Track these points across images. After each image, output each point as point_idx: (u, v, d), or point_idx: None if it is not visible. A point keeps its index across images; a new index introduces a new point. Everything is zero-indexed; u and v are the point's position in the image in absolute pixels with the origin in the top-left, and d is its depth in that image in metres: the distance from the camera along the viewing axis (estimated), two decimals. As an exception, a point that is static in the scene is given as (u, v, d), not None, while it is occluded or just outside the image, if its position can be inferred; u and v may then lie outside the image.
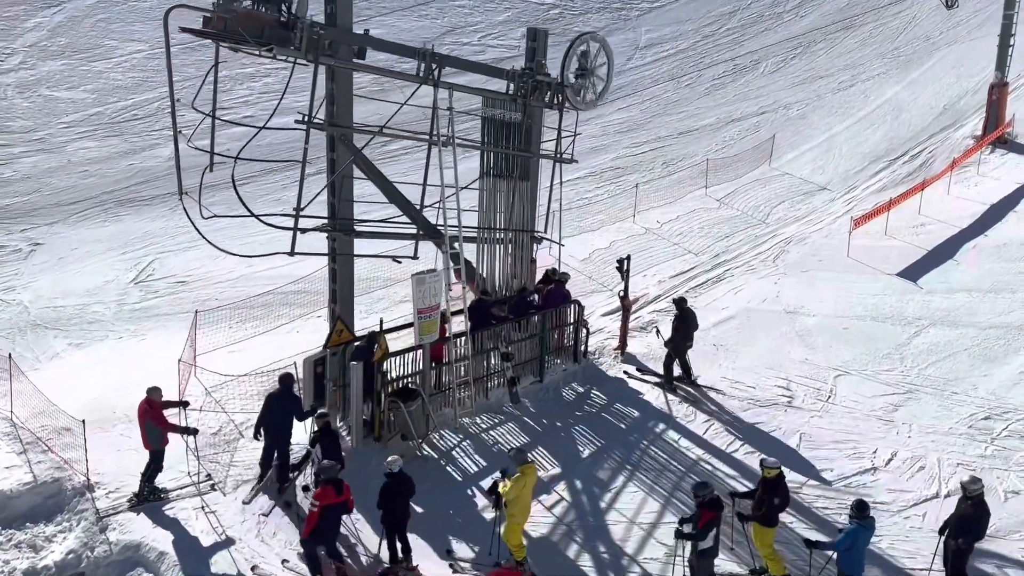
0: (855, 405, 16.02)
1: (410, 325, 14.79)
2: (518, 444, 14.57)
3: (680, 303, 16.74)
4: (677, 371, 16.58)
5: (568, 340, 17.30)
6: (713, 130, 31.72)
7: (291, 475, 12.79)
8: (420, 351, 14.64)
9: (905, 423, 15.47)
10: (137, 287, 21.04)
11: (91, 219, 24.61)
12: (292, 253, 13.29)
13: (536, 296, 17.16)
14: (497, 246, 16.49)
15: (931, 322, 19.12)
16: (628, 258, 17.29)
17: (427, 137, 14.30)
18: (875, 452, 14.59)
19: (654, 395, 16.33)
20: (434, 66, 14.15)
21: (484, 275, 16.50)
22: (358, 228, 14.57)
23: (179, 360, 15.08)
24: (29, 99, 29.25)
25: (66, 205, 25.10)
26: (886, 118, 32.19)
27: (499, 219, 16.33)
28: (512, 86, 15.81)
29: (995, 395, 16.29)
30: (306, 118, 13.07)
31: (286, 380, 13.13)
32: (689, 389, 16.43)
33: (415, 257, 14.66)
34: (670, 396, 16.21)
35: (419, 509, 12.67)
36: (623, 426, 15.41)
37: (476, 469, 14.16)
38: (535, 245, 17.31)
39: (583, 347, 17.42)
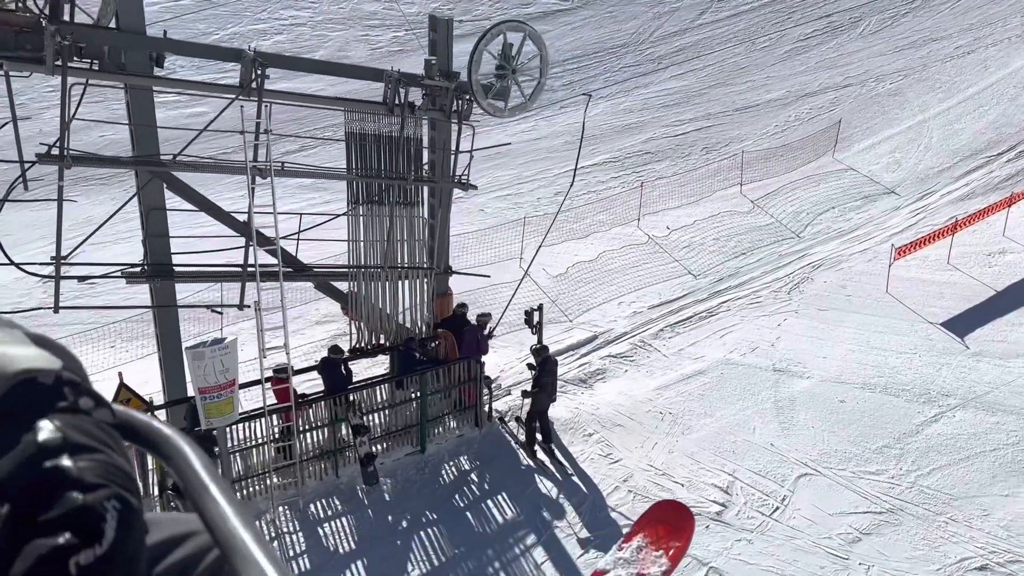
0: (807, 527, 12.26)
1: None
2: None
3: (540, 352, 13.50)
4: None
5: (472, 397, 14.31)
6: (777, 107, 26.81)
7: None
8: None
9: (863, 564, 11.64)
10: None
11: None
12: (56, 309, 10.96)
13: (483, 330, 14.28)
14: (379, 284, 13.56)
15: (962, 401, 14.72)
16: (540, 309, 13.93)
17: (244, 166, 11.44)
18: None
19: (549, 485, 13.15)
20: (257, 72, 11.23)
21: (362, 320, 13.67)
22: (178, 270, 12.07)
23: None
24: None
25: None
26: (1001, 99, 26.14)
27: (377, 253, 13.35)
28: (393, 92, 12.62)
29: (1008, 530, 12.08)
30: (52, 148, 10.47)
31: None
32: (548, 466, 13.32)
33: (241, 307, 12.03)
34: (548, 484, 13.01)
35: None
36: (489, 530, 12.39)
37: None
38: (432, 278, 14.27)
39: (487, 409, 14.37)
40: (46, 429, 0.92)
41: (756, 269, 19.13)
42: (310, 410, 12.72)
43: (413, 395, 13.64)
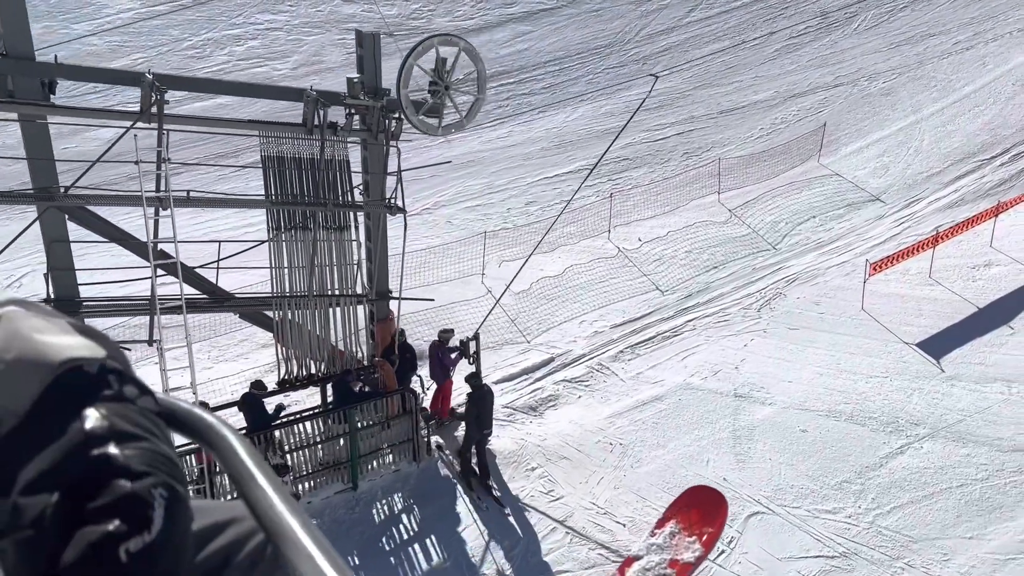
0: (752, 574, 11.50)
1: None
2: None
3: (473, 380, 12.88)
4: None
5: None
6: (764, 109, 25.84)
7: None
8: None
9: (809, 617, 10.87)
10: None
11: None
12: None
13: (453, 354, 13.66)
14: (307, 312, 12.91)
15: (932, 431, 13.86)
16: (476, 338, 13.22)
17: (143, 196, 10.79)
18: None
19: (482, 526, 12.46)
20: (155, 96, 10.57)
21: (290, 351, 13.04)
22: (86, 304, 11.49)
23: None
24: None
25: None
26: (998, 98, 25.01)
27: (303, 280, 12.69)
28: (312, 113, 11.93)
29: (970, 578, 11.26)
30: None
31: None
32: (484, 504, 12.65)
33: (150, 342, 11.43)
34: (481, 525, 12.32)
35: None
36: (413, 576, 11.74)
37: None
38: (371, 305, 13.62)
39: (427, 442, 13.69)
40: (92, 417, 0.93)
41: (727, 284, 18.29)
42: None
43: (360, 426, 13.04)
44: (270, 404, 12.57)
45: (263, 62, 27.11)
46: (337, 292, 12.87)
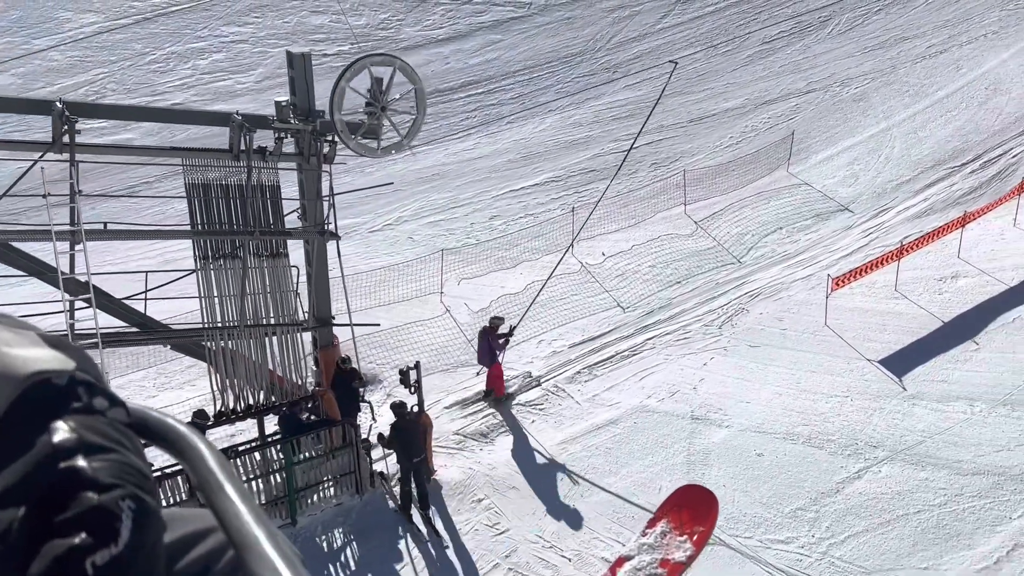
0: (697, 611, 11.12)
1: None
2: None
3: (398, 409, 12.53)
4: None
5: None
6: (735, 117, 25.48)
7: None
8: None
9: (755, 656, 10.49)
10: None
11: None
12: None
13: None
14: (241, 342, 12.48)
15: (891, 454, 13.48)
16: (417, 366, 12.80)
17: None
18: None
19: (421, 564, 12.05)
20: (66, 126, 10.15)
21: (225, 383, 12.62)
22: None
23: None
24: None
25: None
26: (971, 102, 24.68)
27: (235, 309, 12.27)
28: (238, 138, 11.53)
29: (924, 613, 10.88)
30: None
31: None
32: (426, 539, 12.27)
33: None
34: (421, 562, 11.91)
35: None
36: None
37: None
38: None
39: (369, 474, 13.27)
40: (61, 430, 0.93)
41: (690, 300, 17.91)
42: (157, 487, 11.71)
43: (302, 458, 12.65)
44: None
45: (227, 75, 26.70)
46: (273, 320, 12.45)
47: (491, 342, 14.81)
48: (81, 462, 0.91)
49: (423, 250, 20.13)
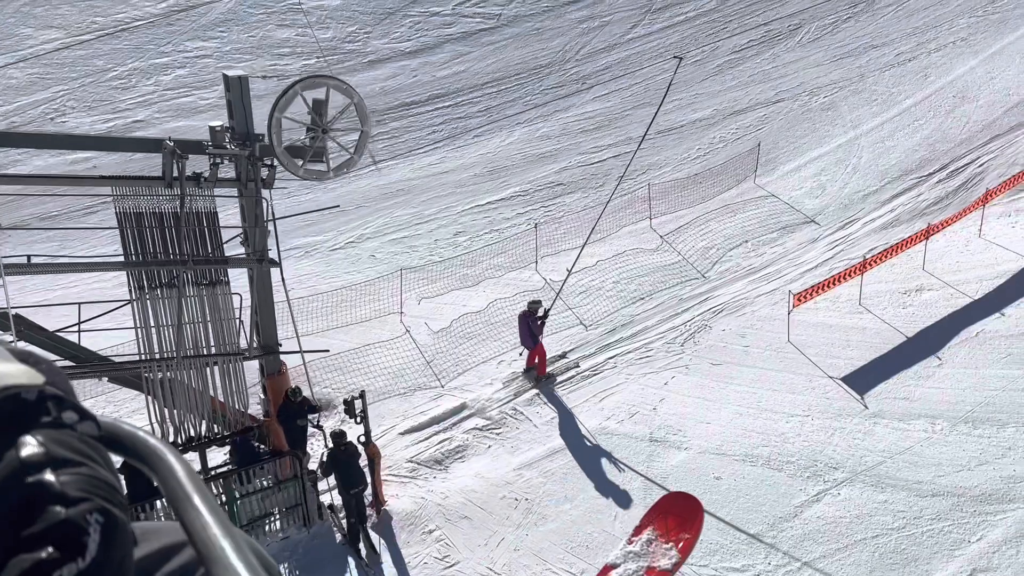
0: (649, 643, 10.82)
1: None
2: None
3: (337, 438, 12.20)
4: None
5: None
6: (703, 128, 25.30)
7: None
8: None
9: None
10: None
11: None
12: None
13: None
14: (180, 372, 12.13)
15: (850, 475, 13.24)
16: (363, 396, 12.47)
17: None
18: None
19: (368, 599, 11.73)
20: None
21: (164, 414, 12.25)
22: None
23: None
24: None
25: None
26: (938, 111, 24.58)
27: (172, 339, 11.91)
28: (170, 164, 11.19)
29: (879, 643, 10.62)
30: None
31: None
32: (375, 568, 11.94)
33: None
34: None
35: None
36: (288, 659, 11.00)
37: None
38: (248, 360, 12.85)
39: (317, 506, 12.93)
40: (29, 444, 0.93)
41: (653, 316, 17.67)
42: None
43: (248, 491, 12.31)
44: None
45: (190, 91, 26.33)
46: (213, 349, 12.11)
47: (531, 325, 15.54)
48: (49, 476, 0.91)
49: (385, 268, 19.81)
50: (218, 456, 13.24)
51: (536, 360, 15.94)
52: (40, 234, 16.15)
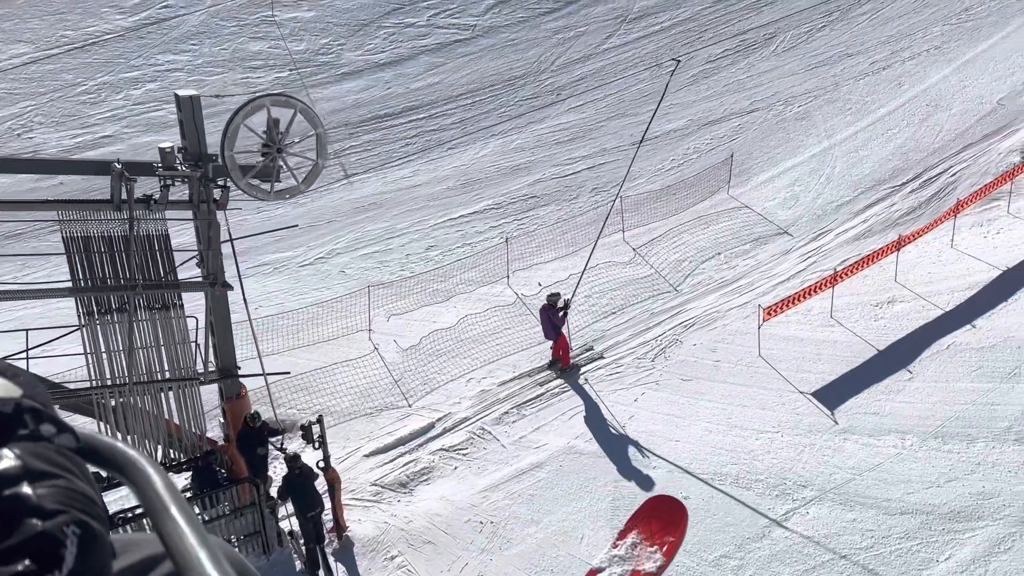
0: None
1: None
2: None
3: (291, 461, 11.93)
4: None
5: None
6: (677, 139, 25.21)
7: None
8: None
9: None
10: None
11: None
12: None
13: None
14: (133, 398, 11.85)
15: (819, 493, 13.08)
16: (320, 420, 12.22)
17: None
18: None
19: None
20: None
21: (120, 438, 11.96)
22: None
23: None
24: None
25: None
26: (911, 120, 24.57)
27: (124, 365, 11.63)
28: (118, 187, 10.94)
29: (845, 668, 10.44)
30: None
31: None
32: None
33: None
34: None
35: None
36: None
37: None
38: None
39: (277, 533, 12.66)
40: (6, 457, 0.94)
41: (624, 331, 17.50)
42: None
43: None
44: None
45: (160, 105, 26.02)
46: (168, 374, 11.84)
47: (552, 317, 15.98)
48: (26, 489, 0.91)
49: (355, 284, 19.56)
50: (178, 481, 12.97)
51: (560, 352, 16.28)
52: (-3, 255, 15.90)
